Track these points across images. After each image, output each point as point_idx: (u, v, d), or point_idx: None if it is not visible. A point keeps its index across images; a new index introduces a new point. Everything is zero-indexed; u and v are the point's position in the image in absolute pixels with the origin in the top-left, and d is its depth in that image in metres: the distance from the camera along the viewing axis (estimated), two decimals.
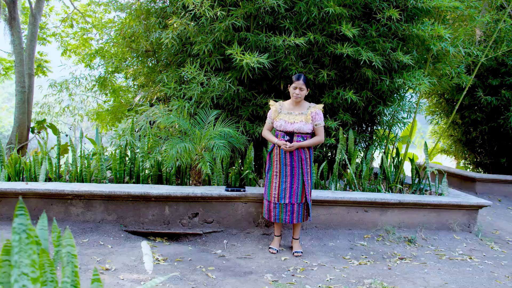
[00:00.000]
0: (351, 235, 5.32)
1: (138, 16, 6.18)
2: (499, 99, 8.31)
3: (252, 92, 5.83)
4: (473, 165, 10.11)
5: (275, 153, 4.69)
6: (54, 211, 4.85)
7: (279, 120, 4.68)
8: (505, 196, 8.54)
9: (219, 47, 5.57)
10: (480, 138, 9.58)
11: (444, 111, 10.03)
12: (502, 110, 8.62)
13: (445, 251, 5.19)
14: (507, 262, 4.98)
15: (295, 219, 4.69)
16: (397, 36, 5.60)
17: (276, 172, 4.67)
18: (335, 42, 5.44)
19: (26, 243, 1.28)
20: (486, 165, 9.68)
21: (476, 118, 9.01)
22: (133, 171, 5.48)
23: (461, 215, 5.72)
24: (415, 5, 5.17)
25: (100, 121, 10.51)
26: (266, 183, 4.75)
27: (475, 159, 9.97)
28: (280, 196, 4.65)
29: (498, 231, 6.29)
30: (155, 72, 6.67)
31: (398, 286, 3.92)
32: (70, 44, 13.09)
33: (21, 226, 1.29)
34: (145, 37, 6.08)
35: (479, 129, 9.15)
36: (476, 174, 8.75)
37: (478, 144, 9.87)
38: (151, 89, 7.54)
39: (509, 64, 8.15)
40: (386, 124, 6.54)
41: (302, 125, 4.59)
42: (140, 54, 6.43)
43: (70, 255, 1.46)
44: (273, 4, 5.04)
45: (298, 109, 4.67)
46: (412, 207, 5.52)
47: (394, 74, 5.60)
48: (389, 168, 6.13)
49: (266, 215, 4.76)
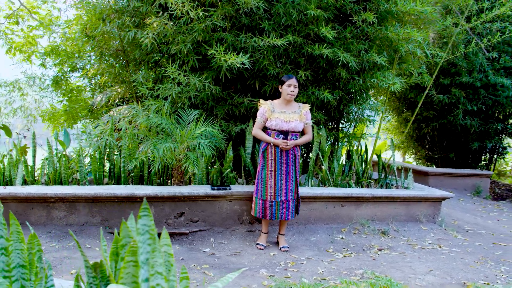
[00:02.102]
0: (330, 229, 5.52)
1: (108, 15, 6.07)
2: (450, 97, 8.84)
3: (228, 92, 5.91)
4: (423, 160, 10.67)
5: (269, 152, 4.79)
6: (36, 215, 4.71)
7: (274, 119, 4.79)
8: (455, 188, 9.10)
9: (196, 47, 5.60)
10: (431, 134, 10.14)
11: (396, 109, 10.53)
12: (452, 108, 9.17)
13: (416, 241, 5.50)
14: (472, 249, 5.36)
15: (290, 215, 4.84)
16: (368, 38, 5.86)
17: (271, 171, 4.78)
18: (311, 43, 5.62)
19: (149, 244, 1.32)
20: (435, 159, 10.25)
21: (428, 115, 9.53)
22: (112, 172, 5.40)
23: (426, 207, 6.08)
24: (388, 9, 5.44)
25: (53, 122, 10.16)
26: (260, 182, 4.84)
27: (425, 154, 10.53)
28: (276, 194, 4.77)
29: (456, 221, 6.72)
30: (124, 72, 6.57)
31: (389, 274, 4.15)
32: (15, 42, 12.52)
33: (145, 227, 1.32)
34: (118, 36, 5.98)
35: (430, 126, 9.68)
36: (429, 169, 9.27)
37: (428, 140, 10.44)
38: (118, 89, 7.42)
39: (459, 64, 8.69)
40: (353, 121, 6.82)
41: (297, 124, 4.77)
42: (111, 54, 6.32)
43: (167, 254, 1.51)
44: (253, 5, 5.13)
45: (291, 108, 4.83)
46: (384, 201, 5.81)
47: (365, 74, 5.86)
48: (359, 164, 6.39)
49: (260, 214, 4.85)
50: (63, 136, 6.27)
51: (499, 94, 8.71)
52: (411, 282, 3.99)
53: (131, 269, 1.29)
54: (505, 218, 7.46)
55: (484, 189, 9.22)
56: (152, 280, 1.28)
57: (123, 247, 1.54)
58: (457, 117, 8.95)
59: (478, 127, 9.09)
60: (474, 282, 4.04)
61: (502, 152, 10.05)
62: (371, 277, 4.05)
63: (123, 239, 1.53)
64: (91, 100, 9.75)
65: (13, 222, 1.77)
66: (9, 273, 1.76)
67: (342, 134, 6.96)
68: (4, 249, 1.77)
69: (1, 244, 1.76)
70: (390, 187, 6.40)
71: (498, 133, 9.51)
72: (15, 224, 1.76)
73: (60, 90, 9.43)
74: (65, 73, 9.35)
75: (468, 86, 8.85)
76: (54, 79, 9.23)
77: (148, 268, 1.30)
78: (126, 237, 1.53)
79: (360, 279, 4.00)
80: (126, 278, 1.30)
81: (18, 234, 1.77)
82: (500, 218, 7.45)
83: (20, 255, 1.77)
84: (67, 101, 9.71)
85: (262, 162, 4.85)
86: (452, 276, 4.21)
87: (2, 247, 1.77)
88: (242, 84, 6.00)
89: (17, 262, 1.77)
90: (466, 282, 4.06)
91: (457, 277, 4.19)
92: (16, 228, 1.76)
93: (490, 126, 9.16)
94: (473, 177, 9.25)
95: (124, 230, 1.53)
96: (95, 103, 8.08)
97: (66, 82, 9.56)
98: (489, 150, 10.05)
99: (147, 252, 1.31)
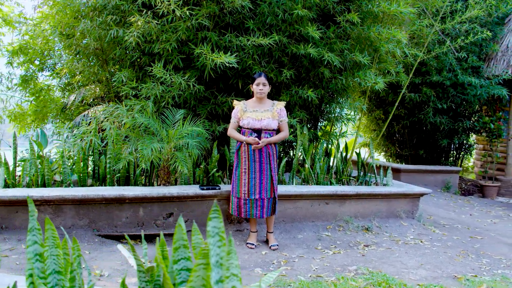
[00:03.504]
0: (315, 227, 5.59)
1: (87, 14, 5.93)
2: (421, 95, 9.08)
3: (211, 91, 5.88)
4: (393, 157, 10.93)
5: (242, 150, 4.81)
6: (20, 218, 4.56)
7: (246, 118, 4.81)
8: (426, 184, 9.35)
9: (179, 46, 5.55)
10: (401, 132, 10.38)
11: (367, 108, 10.72)
12: (423, 106, 9.43)
13: (399, 236, 5.64)
14: (451, 243, 5.53)
15: (265, 214, 4.86)
16: (349, 38, 5.95)
17: (245, 169, 4.80)
18: (295, 42, 5.67)
19: (218, 246, 1.31)
20: (405, 156, 10.51)
21: (399, 113, 9.76)
22: (97, 173, 5.28)
23: (406, 203, 6.24)
24: (370, 9, 5.55)
25: (19, 122, 9.84)
26: (235, 180, 4.86)
27: (395, 151, 10.78)
28: (250, 192, 4.79)
29: (432, 216, 6.92)
30: (102, 71, 6.44)
31: (382, 270, 4.23)
32: None
33: (215, 229, 1.32)
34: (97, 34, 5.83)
35: (401, 124, 9.92)
36: (401, 166, 9.51)
37: (398, 137, 10.69)
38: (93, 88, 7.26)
39: (429, 64, 8.94)
40: (333, 120, 6.92)
41: (270, 121, 4.78)
42: (89, 53, 6.16)
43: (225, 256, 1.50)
44: (239, 5, 5.12)
45: (263, 107, 4.85)
46: (367, 198, 5.92)
47: (347, 73, 5.95)
48: (340, 162, 6.49)
49: (236, 212, 4.88)
50: (40, 136, 6.08)
51: (468, 92, 9.01)
52: (405, 276, 4.09)
53: (202, 272, 1.28)
54: (476, 213, 7.73)
55: (453, 184, 9.53)
56: (227, 282, 1.27)
57: (176, 250, 1.52)
58: (428, 115, 9.21)
59: (447, 124, 9.37)
60: (464, 275, 4.17)
61: (469, 149, 10.41)
62: (365, 273, 4.12)
63: (177, 241, 1.51)
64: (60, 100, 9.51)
65: (49, 227, 1.72)
66: (45, 280, 1.71)
67: (320, 133, 7.05)
68: (39, 255, 1.72)
69: (36, 250, 1.71)
70: (369, 184, 6.52)
71: (465, 130, 9.84)
72: (51, 229, 1.71)
73: (28, 89, 9.14)
74: (34, 72, 9.08)
75: (438, 85, 9.12)
76: (22, 78, 8.94)
77: (219, 270, 1.29)
78: (180, 240, 1.51)
79: (355, 275, 4.07)
80: (196, 281, 1.28)
81: (54, 239, 1.72)
82: (472, 212, 7.72)
83: (56, 260, 1.72)
84: (35, 100, 9.42)
85: (236, 160, 4.87)
86: (442, 270, 4.34)
87: (37, 253, 1.72)
88: (225, 84, 5.99)
89: (53, 268, 1.72)
90: (456, 275, 4.19)
91: (446, 271, 4.32)
92: (52, 233, 1.71)
93: (458, 124, 9.47)
94: (442, 173, 9.54)
95: (178, 232, 1.51)
96: (68, 103, 7.88)
97: (35, 82, 9.28)
98: (457, 147, 10.39)
99: (217, 254, 1.31)
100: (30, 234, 1.71)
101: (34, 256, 1.71)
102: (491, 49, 9.19)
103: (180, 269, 1.53)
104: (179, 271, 1.53)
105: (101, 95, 6.94)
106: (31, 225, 1.71)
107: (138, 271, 1.54)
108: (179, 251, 1.53)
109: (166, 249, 1.65)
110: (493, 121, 9.18)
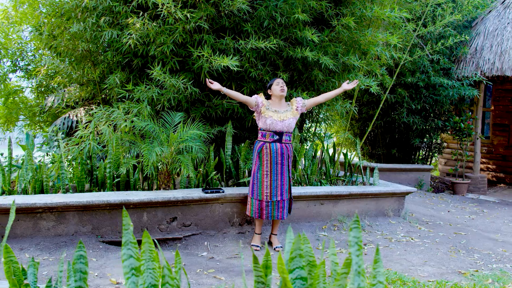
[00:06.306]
0: (312, 227, 5.69)
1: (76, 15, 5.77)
2: (396, 96, 9.37)
3: (205, 94, 5.87)
4: (366, 157, 11.20)
5: (264, 152, 4.84)
6: (22, 227, 4.41)
7: (269, 118, 4.83)
8: (400, 182, 9.63)
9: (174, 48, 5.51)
10: (375, 131, 10.66)
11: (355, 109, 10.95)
12: (396, 106, 9.72)
13: (390, 234, 5.83)
14: (439, 240, 5.77)
15: (285, 215, 4.93)
16: (341, 41, 6.08)
17: (267, 171, 4.83)
18: (290, 46, 5.74)
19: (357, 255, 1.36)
20: (378, 155, 10.80)
21: (374, 113, 10.02)
22: (94, 178, 5.18)
23: (393, 202, 6.45)
24: (363, 14, 5.69)
25: None
26: (256, 182, 4.87)
27: (368, 150, 11.06)
28: (272, 194, 4.83)
29: (413, 214, 7.17)
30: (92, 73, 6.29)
31: (390, 268, 4.37)
32: None
33: (355, 238, 1.36)
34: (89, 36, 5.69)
35: (375, 124, 10.18)
36: (376, 165, 9.74)
37: (372, 137, 10.97)
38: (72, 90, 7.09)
39: (404, 66, 9.22)
40: (321, 121, 7.05)
41: (291, 121, 4.87)
42: (78, 54, 6.00)
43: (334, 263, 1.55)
44: (240, 7, 5.14)
45: (283, 107, 4.93)
46: (358, 197, 6.09)
47: (339, 75, 6.09)
48: (329, 162, 6.62)
49: (256, 214, 4.88)
50: (25, 140, 5.89)
51: (439, 93, 9.36)
52: (414, 273, 4.25)
53: (343, 281, 1.33)
54: (453, 209, 8.06)
55: (426, 182, 9.89)
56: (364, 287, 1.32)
57: (292, 259, 1.55)
58: (401, 115, 9.51)
59: (419, 124, 9.71)
60: (467, 271, 4.38)
61: (439, 148, 10.82)
62: None
63: (294, 251, 1.55)
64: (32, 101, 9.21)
65: (146, 240, 1.71)
66: None
67: (306, 134, 7.17)
68: (135, 269, 1.71)
69: (132, 264, 1.70)
70: (357, 184, 6.69)
71: (436, 129, 10.22)
72: (148, 242, 1.70)
73: None
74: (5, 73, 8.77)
75: (411, 86, 9.43)
76: None
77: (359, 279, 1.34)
78: (297, 250, 1.54)
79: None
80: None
81: (150, 252, 1.71)
82: (449, 209, 8.05)
83: (152, 274, 1.72)
84: (4, 102, 9.09)
85: (257, 162, 4.89)
86: (446, 266, 4.53)
87: (133, 267, 1.71)
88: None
89: (149, 282, 1.72)
90: (460, 270, 4.39)
91: (450, 267, 4.52)
92: (149, 247, 1.70)
93: (429, 124, 9.83)
94: (415, 172, 9.89)
95: (297, 242, 1.54)
96: (47, 104, 7.66)
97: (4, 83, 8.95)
98: (427, 146, 10.78)
99: (356, 263, 1.36)
100: (125, 248, 1.70)
101: (130, 270, 1.70)
102: (461, 52, 9.59)
103: (295, 278, 1.57)
104: (294, 280, 1.57)
105: (85, 97, 6.78)
106: (126, 239, 1.70)
107: (256, 282, 1.57)
108: (294, 261, 1.56)
109: (270, 259, 1.68)
110: (463, 120, 9.58)
